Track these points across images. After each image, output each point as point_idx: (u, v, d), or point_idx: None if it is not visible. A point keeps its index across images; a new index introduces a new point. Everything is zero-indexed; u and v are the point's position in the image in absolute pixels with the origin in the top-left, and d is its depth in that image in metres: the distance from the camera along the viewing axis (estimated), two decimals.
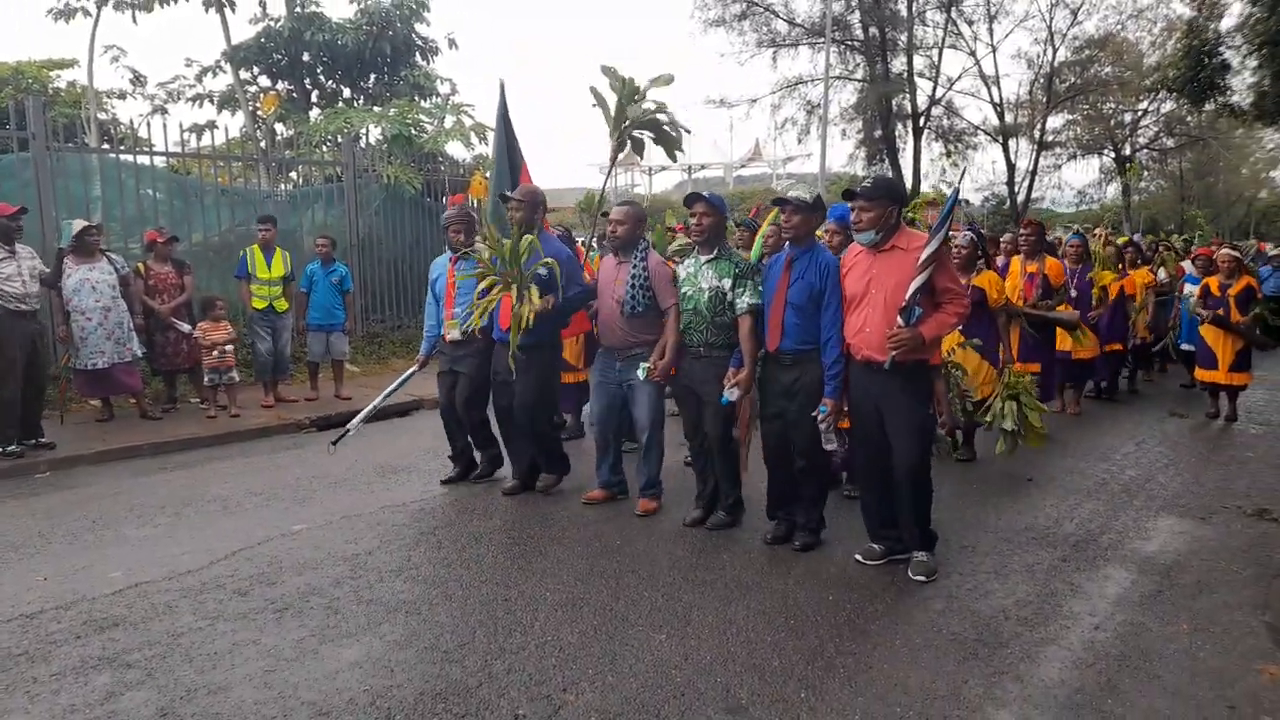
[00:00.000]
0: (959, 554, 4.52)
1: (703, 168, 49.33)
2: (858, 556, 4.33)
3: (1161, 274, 10.24)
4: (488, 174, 11.86)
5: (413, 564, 4.38)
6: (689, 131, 5.83)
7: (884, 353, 3.98)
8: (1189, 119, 27.52)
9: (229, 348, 7.70)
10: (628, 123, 5.57)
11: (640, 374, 4.82)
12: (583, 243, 7.21)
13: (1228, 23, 15.88)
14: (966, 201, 29.85)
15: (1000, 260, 7.51)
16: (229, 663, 3.33)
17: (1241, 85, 16.38)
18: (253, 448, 6.97)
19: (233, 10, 13.61)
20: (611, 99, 5.60)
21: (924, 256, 3.90)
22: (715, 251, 4.71)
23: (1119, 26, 26.41)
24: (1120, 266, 9.01)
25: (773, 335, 4.39)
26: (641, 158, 5.75)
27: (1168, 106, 26.98)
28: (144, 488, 5.84)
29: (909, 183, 24.63)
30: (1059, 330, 7.51)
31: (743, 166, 49.23)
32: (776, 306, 4.37)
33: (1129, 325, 9.00)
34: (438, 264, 5.83)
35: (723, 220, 4.77)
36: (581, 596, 3.95)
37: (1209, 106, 17.87)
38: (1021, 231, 7.67)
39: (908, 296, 3.92)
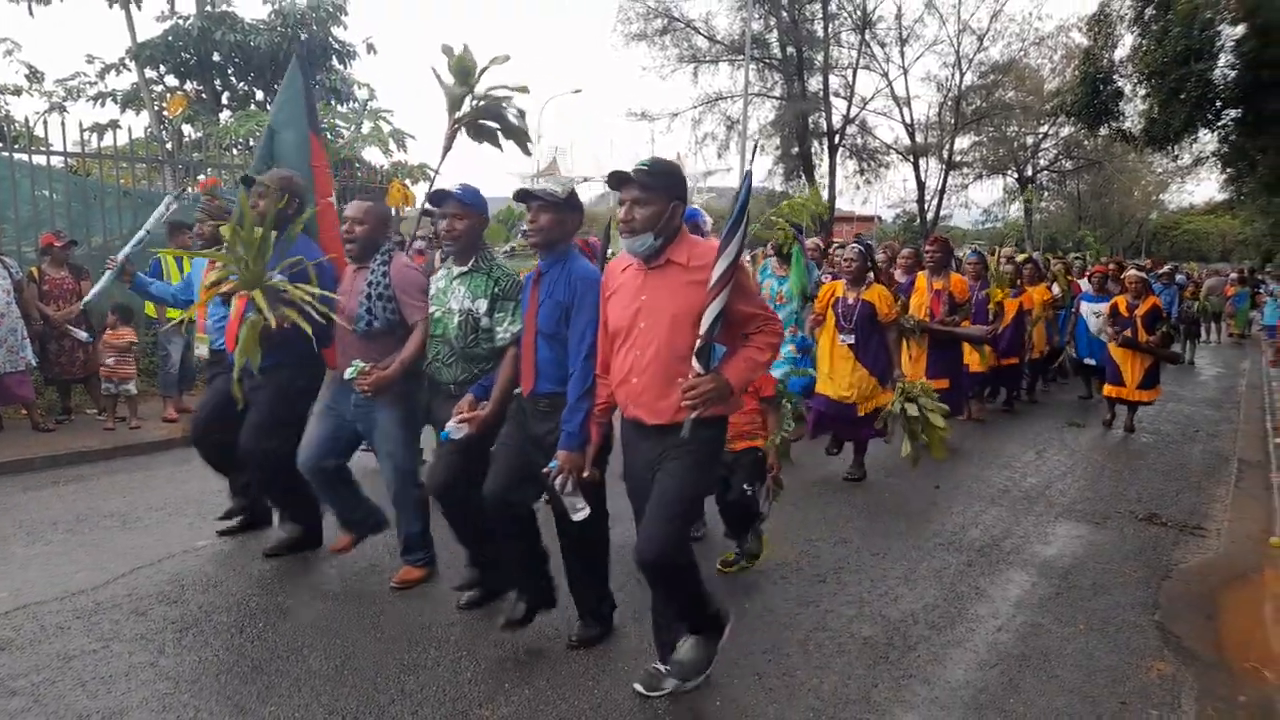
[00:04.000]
0: (870, 560, 4.64)
1: None
2: (636, 686, 3.16)
3: (1055, 289, 10.70)
4: (405, 180, 11.68)
5: (325, 579, 4.27)
6: (523, 111, 5.05)
7: (656, 413, 2.93)
8: (1086, 143, 29.06)
9: (126, 355, 7.34)
10: (474, 103, 4.88)
11: (348, 373, 3.86)
12: (504, 254, 7.14)
13: (1120, 53, 16.77)
14: (879, 218, 30.79)
15: (906, 277, 7.68)
16: (125, 686, 3.18)
17: (1133, 112, 17.34)
18: (154, 461, 6.68)
19: (138, 7, 13.16)
20: (451, 81, 4.93)
21: (715, 276, 2.82)
22: (471, 263, 3.74)
23: (1022, 53, 27.82)
24: (1018, 283, 9.34)
25: (525, 375, 3.39)
26: (500, 148, 5.02)
27: (1066, 131, 28.46)
28: (35, 503, 5.53)
29: (824, 199, 25.23)
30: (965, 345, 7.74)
31: None
32: (527, 338, 3.40)
33: (1025, 339, 9.35)
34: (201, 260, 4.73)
35: (481, 223, 3.79)
36: (500, 608, 3.90)
37: (1104, 131, 18.88)
38: (927, 248, 7.72)
39: (703, 332, 2.82)
